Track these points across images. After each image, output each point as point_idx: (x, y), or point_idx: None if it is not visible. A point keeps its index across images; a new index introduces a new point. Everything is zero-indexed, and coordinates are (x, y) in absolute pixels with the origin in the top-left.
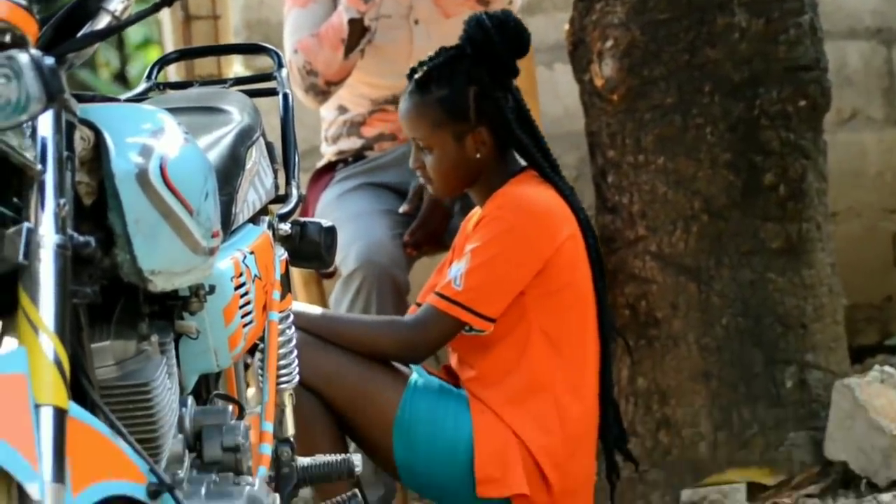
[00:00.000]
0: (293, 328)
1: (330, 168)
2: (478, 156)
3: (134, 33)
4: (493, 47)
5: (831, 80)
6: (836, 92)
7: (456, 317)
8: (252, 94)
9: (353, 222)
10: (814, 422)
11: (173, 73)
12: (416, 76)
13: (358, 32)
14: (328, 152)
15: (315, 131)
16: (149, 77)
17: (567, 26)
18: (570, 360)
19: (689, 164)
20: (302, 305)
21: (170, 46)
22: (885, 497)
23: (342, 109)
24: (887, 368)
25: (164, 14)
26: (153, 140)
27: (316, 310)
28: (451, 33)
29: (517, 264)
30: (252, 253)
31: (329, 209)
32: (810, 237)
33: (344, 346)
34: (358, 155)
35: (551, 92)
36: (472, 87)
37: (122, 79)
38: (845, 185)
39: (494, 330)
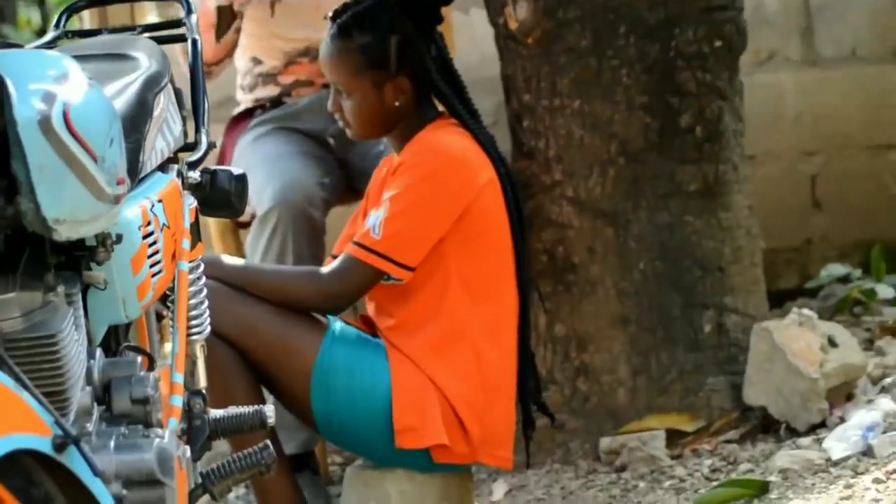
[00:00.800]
0: (204, 278)
1: (247, 115)
2: (396, 104)
3: None
4: None
5: (747, 20)
6: (752, 32)
7: (375, 266)
8: (161, 41)
9: (269, 163)
10: (732, 366)
11: (88, 23)
12: (339, 20)
13: (228, 17)
14: (244, 100)
15: (230, 81)
16: (57, 25)
17: None
18: (488, 308)
19: (606, 107)
20: (219, 256)
21: (87, 20)
22: (805, 441)
23: (256, 61)
24: (805, 311)
25: None
26: (56, 86)
27: (234, 260)
28: None
29: (436, 211)
30: (160, 201)
31: (245, 153)
32: (727, 179)
33: (262, 297)
34: (276, 101)
35: (467, 37)
36: (394, 35)
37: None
38: (763, 128)
39: (412, 278)
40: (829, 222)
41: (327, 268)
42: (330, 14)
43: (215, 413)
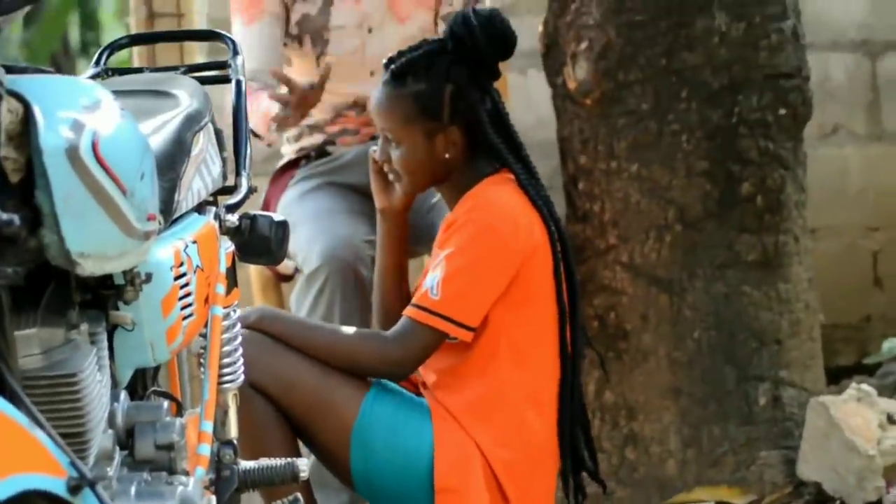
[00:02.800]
0: (238, 325)
1: (292, 166)
2: (447, 156)
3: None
4: (476, 46)
5: (813, 91)
6: (817, 105)
7: (436, 328)
8: (205, 81)
9: (317, 220)
10: (787, 441)
11: (137, 63)
12: (393, 66)
13: (286, 124)
14: (289, 150)
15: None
16: (97, 63)
17: (540, 28)
18: (532, 374)
19: (664, 172)
20: (275, 310)
21: (136, 59)
22: None
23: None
24: (864, 386)
25: (130, 10)
26: (86, 115)
27: (291, 316)
28: (406, 36)
29: (494, 267)
30: (195, 242)
31: (291, 208)
32: (787, 250)
33: (319, 358)
34: (320, 151)
35: (524, 99)
36: (448, 84)
37: None
38: (826, 202)
39: (463, 342)
40: (890, 300)
41: (390, 331)
42: (384, 61)
43: (246, 464)
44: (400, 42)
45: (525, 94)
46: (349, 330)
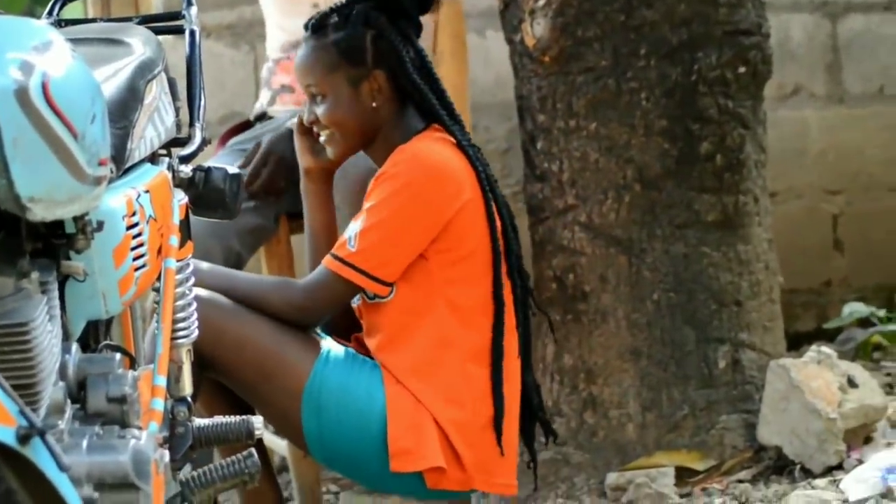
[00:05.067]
0: (192, 279)
1: (239, 129)
2: (374, 104)
3: None
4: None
5: (773, 51)
6: (777, 66)
7: (349, 279)
8: (160, 32)
9: None
10: (746, 404)
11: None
12: (313, 21)
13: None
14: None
15: (235, 96)
16: (50, 13)
17: None
18: (476, 330)
19: (623, 131)
20: (198, 263)
21: (89, 2)
22: (820, 483)
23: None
24: (824, 349)
25: None
26: (36, 56)
27: (203, 266)
28: None
29: (413, 224)
30: (147, 192)
31: None
32: (747, 210)
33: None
34: (260, 117)
35: (482, 59)
36: (369, 30)
37: None
38: (786, 164)
39: (399, 298)
40: (850, 264)
41: (303, 279)
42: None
43: (200, 422)
44: None
45: (483, 55)
46: (265, 278)
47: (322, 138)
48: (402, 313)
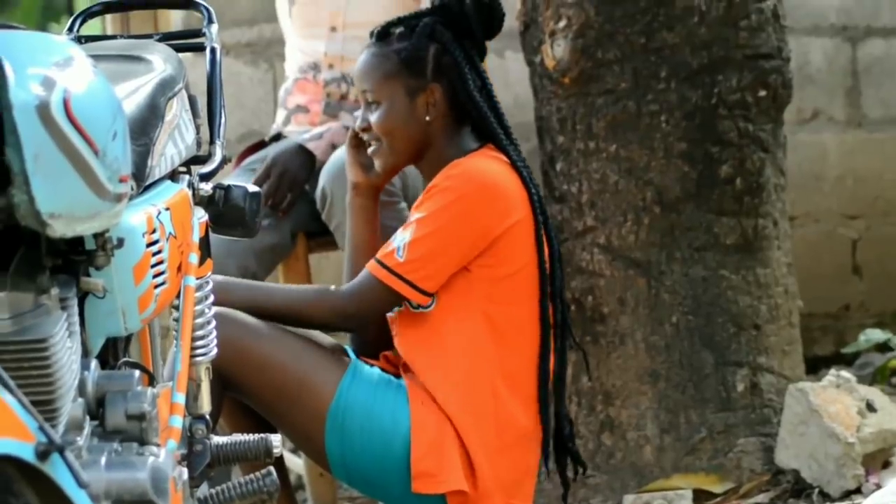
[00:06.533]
0: (212, 297)
1: (254, 148)
2: (427, 118)
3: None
4: (464, 13)
5: (793, 74)
6: (797, 91)
7: (394, 288)
8: (180, 50)
9: None
10: (765, 427)
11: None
12: (378, 29)
13: None
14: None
15: (254, 114)
16: (70, 30)
17: (519, 5)
18: (510, 353)
19: (643, 153)
20: (224, 278)
21: (108, 20)
22: None
23: (286, 79)
24: (843, 373)
25: None
26: (58, 72)
27: (236, 281)
28: None
29: (461, 238)
30: (168, 209)
31: None
32: (766, 234)
33: (270, 317)
34: (275, 138)
35: (501, 80)
36: (433, 43)
37: None
38: (804, 189)
39: (439, 309)
40: (869, 289)
41: (345, 286)
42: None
43: (218, 439)
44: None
45: (502, 76)
46: (303, 287)
47: (370, 149)
48: (440, 324)
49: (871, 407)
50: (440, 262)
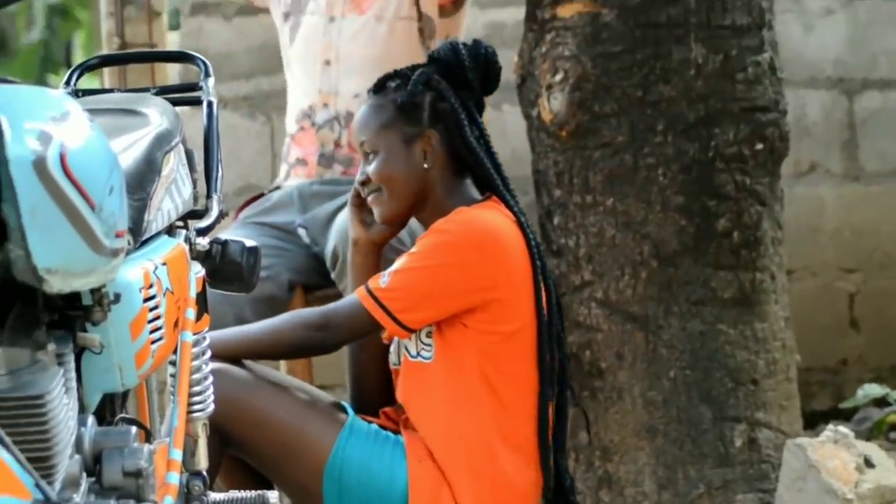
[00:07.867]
0: (209, 353)
1: (252, 200)
2: (426, 165)
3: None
4: (464, 72)
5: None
6: (794, 143)
7: (368, 310)
8: (177, 103)
9: None
10: (763, 483)
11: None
12: (376, 82)
13: None
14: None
15: (251, 167)
16: (67, 83)
17: (515, 59)
18: (508, 409)
19: (640, 207)
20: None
21: (105, 73)
22: None
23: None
24: (841, 428)
25: (103, 43)
26: (54, 126)
27: (224, 331)
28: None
29: (446, 282)
30: (165, 264)
31: None
32: (764, 288)
33: (257, 355)
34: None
35: (499, 133)
36: (429, 91)
37: None
38: (802, 242)
39: (437, 363)
40: (866, 343)
41: (326, 305)
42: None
43: (215, 496)
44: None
45: (500, 129)
46: (276, 317)
47: (370, 198)
48: (438, 377)
49: (869, 463)
50: (420, 297)
